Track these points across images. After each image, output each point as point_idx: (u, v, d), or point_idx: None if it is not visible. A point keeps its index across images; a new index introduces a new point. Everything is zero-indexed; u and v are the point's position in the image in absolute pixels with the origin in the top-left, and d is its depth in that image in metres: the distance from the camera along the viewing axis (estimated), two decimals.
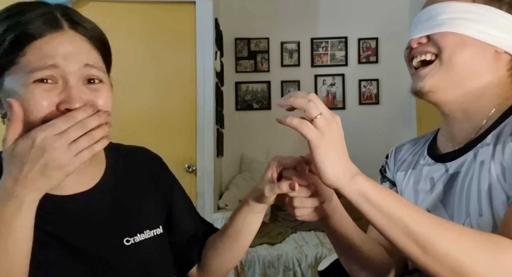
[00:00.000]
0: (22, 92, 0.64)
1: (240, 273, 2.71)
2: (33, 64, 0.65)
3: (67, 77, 0.66)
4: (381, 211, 0.63)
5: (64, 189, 0.73)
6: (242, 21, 3.73)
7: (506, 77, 0.80)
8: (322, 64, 3.74)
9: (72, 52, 0.67)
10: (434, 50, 0.80)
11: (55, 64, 0.65)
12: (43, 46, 0.66)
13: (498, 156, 0.72)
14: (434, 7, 0.81)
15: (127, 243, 0.77)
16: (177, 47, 2.80)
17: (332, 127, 0.65)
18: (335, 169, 0.64)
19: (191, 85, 2.81)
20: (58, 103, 0.65)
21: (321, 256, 2.66)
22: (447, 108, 0.83)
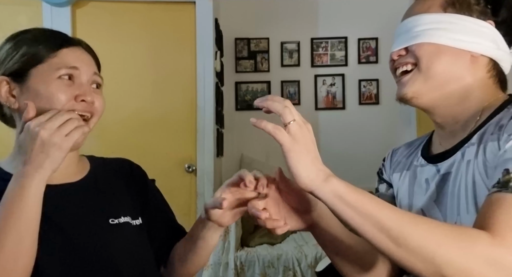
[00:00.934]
0: (48, 85, 0.81)
1: (240, 273, 2.72)
2: (60, 64, 0.83)
3: (83, 78, 0.85)
4: (355, 209, 0.66)
5: (53, 181, 0.81)
6: (242, 21, 3.73)
7: (487, 79, 0.84)
8: (322, 64, 3.74)
9: (87, 62, 0.88)
10: (412, 60, 0.84)
11: (77, 67, 0.84)
12: (69, 53, 0.85)
13: (481, 155, 0.75)
14: (410, 20, 0.86)
15: (112, 222, 0.87)
16: (177, 47, 2.80)
17: (304, 133, 0.68)
18: (308, 171, 0.67)
19: (191, 85, 2.81)
20: (76, 95, 0.82)
21: (321, 256, 2.66)
22: (435, 112, 0.87)
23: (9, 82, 0.83)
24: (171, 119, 2.78)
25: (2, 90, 0.83)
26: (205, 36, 2.82)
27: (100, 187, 0.91)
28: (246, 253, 2.75)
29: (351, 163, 3.62)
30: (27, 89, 0.82)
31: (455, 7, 0.83)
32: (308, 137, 0.68)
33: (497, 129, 0.74)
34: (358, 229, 0.67)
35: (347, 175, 3.55)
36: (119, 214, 0.88)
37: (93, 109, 0.85)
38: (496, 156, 0.72)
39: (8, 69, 0.83)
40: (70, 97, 0.82)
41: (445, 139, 0.87)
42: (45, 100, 0.80)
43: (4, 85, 0.83)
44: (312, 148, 0.68)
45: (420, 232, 0.64)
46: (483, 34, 0.82)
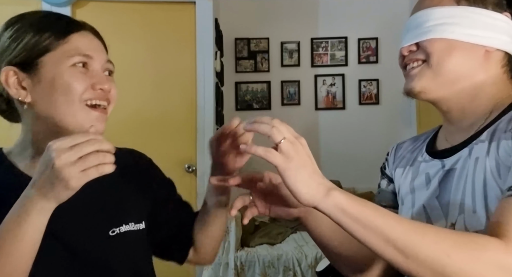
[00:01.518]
0: (63, 74, 0.75)
1: (240, 273, 2.71)
2: (72, 51, 0.77)
3: (97, 66, 0.79)
4: (358, 221, 0.64)
5: None
6: (242, 21, 3.73)
7: (501, 74, 0.80)
8: (322, 64, 3.74)
9: (99, 48, 0.82)
10: (423, 57, 0.81)
11: (90, 55, 0.78)
12: (80, 38, 0.79)
13: (493, 153, 0.73)
14: (420, 15, 0.82)
15: (112, 233, 0.82)
16: (177, 47, 2.80)
17: (297, 149, 0.66)
18: (308, 187, 0.65)
19: (191, 85, 2.81)
20: (93, 84, 0.77)
21: (321, 256, 2.66)
22: (443, 106, 0.84)
23: (17, 73, 0.76)
24: (171, 119, 2.78)
25: (10, 81, 0.76)
26: (205, 36, 2.81)
27: (105, 190, 0.84)
28: (246, 253, 2.75)
29: (351, 163, 3.61)
30: (39, 80, 0.76)
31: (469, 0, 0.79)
32: (302, 153, 0.66)
33: (511, 127, 0.72)
34: (364, 242, 0.66)
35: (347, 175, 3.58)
36: (122, 222, 0.84)
37: (110, 97, 0.80)
38: (509, 155, 0.70)
39: (14, 59, 0.76)
40: (87, 86, 0.76)
41: (452, 135, 0.85)
42: (61, 91, 0.75)
43: (12, 76, 0.76)
44: (308, 163, 0.66)
45: (428, 242, 0.62)
46: (498, 28, 0.78)
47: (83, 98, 0.76)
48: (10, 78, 0.76)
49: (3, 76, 0.76)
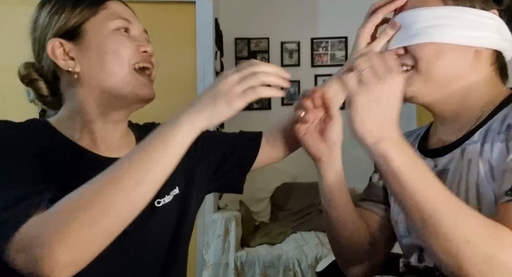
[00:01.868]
0: (109, 38, 0.76)
1: (240, 273, 2.71)
2: (113, 15, 0.78)
3: (136, 32, 0.81)
4: (396, 177, 0.64)
5: (108, 151, 0.79)
6: (242, 21, 3.73)
7: (490, 72, 0.79)
8: (322, 64, 3.74)
9: (134, 16, 0.84)
10: (411, 62, 0.79)
11: (130, 20, 0.80)
12: (116, 5, 0.80)
13: (486, 155, 0.71)
14: (406, 15, 0.79)
15: (158, 204, 0.81)
16: (177, 47, 2.80)
17: (382, 85, 0.64)
18: (367, 124, 0.65)
19: (191, 85, 2.81)
20: (137, 46, 0.78)
21: (321, 256, 2.66)
22: (435, 108, 0.83)
23: (62, 44, 0.76)
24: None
25: (57, 53, 0.76)
26: (205, 36, 2.82)
27: None
28: (246, 253, 2.75)
29: (351, 163, 3.60)
30: (86, 47, 0.76)
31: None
32: (384, 91, 0.64)
33: (505, 129, 0.71)
34: (396, 197, 0.66)
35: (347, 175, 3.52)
36: (164, 192, 0.82)
37: (153, 59, 0.82)
38: (504, 158, 0.68)
39: (58, 30, 0.76)
40: (132, 48, 0.78)
41: (444, 134, 0.83)
42: (110, 55, 0.76)
43: (58, 47, 0.76)
44: (385, 104, 0.64)
45: (452, 222, 0.61)
46: (488, 26, 0.76)
47: (131, 62, 0.77)
48: (56, 49, 0.76)
49: (49, 49, 0.76)
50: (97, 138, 0.79)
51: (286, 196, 3.38)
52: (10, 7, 2.62)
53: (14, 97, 2.49)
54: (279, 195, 3.39)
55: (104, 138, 0.80)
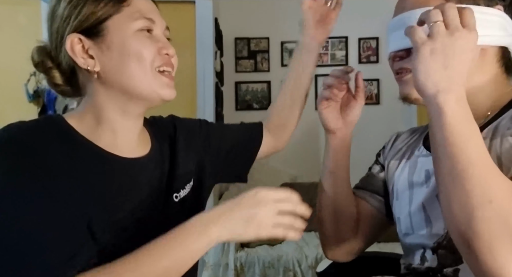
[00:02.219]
0: (132, 38, 0.73)
1: (239, 274, 2.71)
2: (137, 13, 0.74)
3: (158, 31, 0.78)
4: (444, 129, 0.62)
5: (127, 152, 0.78)
6: (242, 21, 3.73)
7: (496, 69, 0.78)
8: (322, 64, 3.73)
9: (157, 11, 0.80)
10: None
11: (153, 19, 0.76)
12: (138, 2, 0.76)
13: (495, 150, 0.70)
14: (407, 15, 0.77)
15: (176, 199, 0.83)
16: (177, 47, 2.78)
17: (453, 38, 0.61)
18: (431, 74, 0.63)
19: (191, 85, 2.81)
20: (159, 48, 0.76)
21: (321, 257, 2.65)
22: None
23: (82, 40, 0.72)
24: None
25: (76, 49, 0.72)
26: (205, 36, 2.81)
27: (164, 158, 0.85)
28: (246, 254, 2.74)
29: (351, 163, 3.60)
30: (107, 47, 0.72)
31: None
32: (456, 44, 0.61)
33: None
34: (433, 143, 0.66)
35: None
36: (181, 186, 0.85)
37: (174, 62, 0.80)
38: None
39: (79, 25, 0.72)
40: (155, 51, 0.75)
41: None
42: (133, 58, 0.72)
43: (77, 43, 0.72)
44: (451, 57, 0.61)
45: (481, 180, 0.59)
46: (493, 23, 0.73)
47: (154, 65, 0.75)
48: (75, 46, 0.72)
49: (68, 45, 0.71)
50: (118, 135, 0.77)
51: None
52: (10, 7, 2.61)
53: (14, 97, 2.49)
54: None
55: (125, 135, 0.78)
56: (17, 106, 2.52)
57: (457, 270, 0.76)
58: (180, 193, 0.84)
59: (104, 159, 0.74)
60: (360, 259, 1.41)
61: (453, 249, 0.73)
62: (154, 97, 0.77)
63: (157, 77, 0.76)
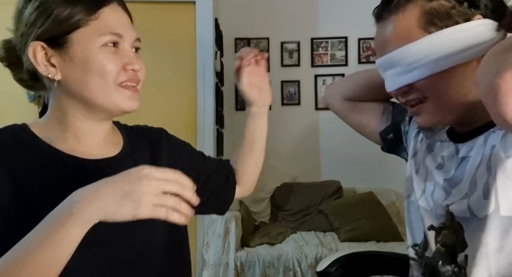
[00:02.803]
0: (95, 53, 0.72)
1: (240, 273, 2.71)
2: (103, 28, 0.73)
3: (126, 45, 0.77)
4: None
5: (93, 154, 0.78)
6: (242, 21, 3.73)
7: None
8: (322, 64, 3.74)
9: (129, 25, 0.79)
10: (418, 96, 0.80)
11: (121, 34, 0.75)
12: (110, 13, 0.75)
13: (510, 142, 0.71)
14: (395, 55, 0.78)
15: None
16: (177, 47, 2.79)
17: None
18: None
19: (191, 85, 2.81)
20: (124, 64, 0.75)
21: (321, 256, 2.66)
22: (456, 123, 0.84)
23: (45, 48, 0.72)
24: (171, 119, 2.78)
25: (38, 57, 0.72)
26: (205, 36, 2.81)
27: (138, 161, 0.83)
28: (246, 253, 2.75)
29: (351, 163, 3.61)
30: (70, 58, 0.72)
31: (436, 23, 0.75)
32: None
33: None
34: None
35: (347, 175, 3.56)
36: None
37: (140, 76, 0.79)
38: None
39: (43, 34, 0.71)
40: (119, 66, 0.74)
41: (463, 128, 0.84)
42: (95, 72, 0.72)
43: (40, 51, 0.72)
44: None
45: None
46: (480, 34, 0.74)
47: (117, 81, 0.74)
48: (38, 53, 0.72)
49: (30, 52, 0.72)
50: (81, 138, 0.78)
51: (286, 196, 3.37)
52: (10, 7, 2.61)
53: (14, 97, 2.49)
54: (279, 195, 3.39)
55: (89, 138, 0.79)
56: (18, 106, 2.52)
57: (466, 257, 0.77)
58: None
59: (63, 161, 0.74)
60: (360, 258, 1.42)
61: (454, 229, 0.77)
62: (114, 110, 0.77)
63: (119, 91, 0.76)
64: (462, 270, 0.78)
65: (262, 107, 1.05)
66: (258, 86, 1.03)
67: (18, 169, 0.70)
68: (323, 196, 3.31)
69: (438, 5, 0.75)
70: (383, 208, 3.14)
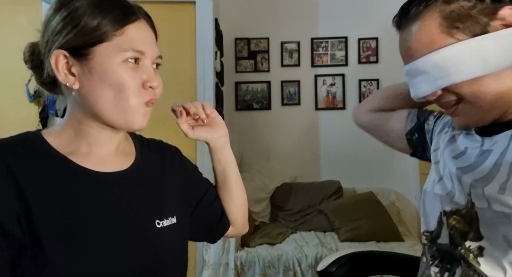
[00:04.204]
0: (116, 68, 0.73)
1: (240, 273, 2.71)
2: (127, 44, 0.74)
3: (147, 62, 0.78)
4: None
5: (106, 167, 0.78)
6: (242, 21, 3.73)
7: None
8: (322, 64, 3.74)
9: (152, 43, 0.80)
10: (455, 97, 0.79)
11: (143, 51, 0.76)
12: (135, 30, 0.75)
13: None
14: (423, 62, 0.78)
15: (158, 225, 0.81)
16: (177, 47, 2.80)
17: None
18: None
19: (191, 85, 2.81)
20: (144, 81, 0.76)
21: (321, 256, 2.66)
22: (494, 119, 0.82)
23: (67, 57, 0.73)
24: (171, 119, 2.77)
25: (59, 65, 0.73)
26: (205, 36, 2.81)
27: (148, 176, 0.85)
28: (246, 253, 2.75)
29: (351, 163, 3.61)
30: (90, 70, 0.73)
31: (458, 26, 0.74)
32: None
33: None
34: None
35: (347, 175, 3.57)
36: (165, 214, 0.83)
37: (157, 93, 0.81)
38: None
39: (67, 43, 0.72)
40: (138, 83, 0.75)
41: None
42: (113, 86, 0.73)
43: (62, 60, 0.73)
44: None
45: None
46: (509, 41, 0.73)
47: (134, 98, 0.75)
48: (59, 62, 0.73)
49: (53, 59, 0.73)
50: (94, 144, 0.79)
51: (286, 196, 3.37)
52: (10, 7, 2.62)
53: (15, 97, 2.49)
54: (279, 195, 3.39)
55: (102, 145, 0.80)
56: (18, 106, 2.53)
57: (481, 248, 0.77)
58: (163, 221, 0.82)
59: (74, 172, 0.75)
60: (360, 258, 1.42)
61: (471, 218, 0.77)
62: (123, 126, 0.78)
63: (132, 108, 0.76)
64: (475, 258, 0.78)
65: (220, 138, 0.98)
66: (207, 124, 0.97)
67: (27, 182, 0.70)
68: (323, 196, 3.31)
69: (457, 8, 0.74)
70: (383, 208, 3.14)
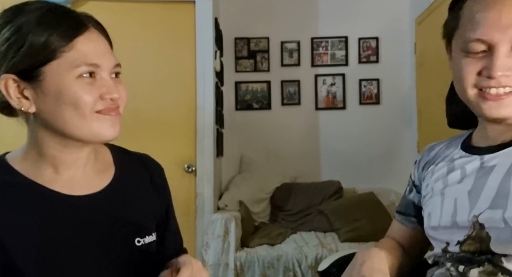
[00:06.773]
0: (69, 86, 0.69)
1: (239, 274, 2.71)
2: (78, 60, 0.70)
3: (104, 74, 0.73)
4: None
5: (75, 189, 0.76)
6: (242, 20, 3.72)
7: None
8: (322, 63, 3.73)
9: (107, 53, 0.75)
10: None
11: (97, 64, 0.72)
12: (85, 43, 0.71)
13: None
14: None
15: (138, 243, 0.79)
16: (177, 47, 2.79)
17: None
18: None
19: (191, 85, 2.80)
20: (101, 94, 0.72)
21: (321, 256, 2.65)
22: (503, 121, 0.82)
23: (17, 81, 0.70)
24: (171, 119, 2.77)
25: (11, 90, 0.70)
26: (205, 35, 2.81)
27: (128, 193, 0.82)
28: (246, 253, 2.74)
29: (351, 163, 3.61)
30: (44, 91, 0.69)
31: None
32: None
33: None
34: None
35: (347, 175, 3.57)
36: (146, 231, 0.81)
37: (119, 102, 0.76)
38: None
39: (14, 67, 0.68)
40: (95, 97, 0.71)
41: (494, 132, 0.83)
42: (70, 105, 0.69)
43: (12, 84, 0.70)
44: None
45: None
46: None
47: (93, 109, 0.72)
48: (10, 87, 0.70)
49: (2, 85, 0.70)
50: (60, 169, 0.76)
51: (286, 196, 3.37)
52: None
53: None
54: (279, 196, 3.38)
55: (68, 167, 0.77)
56: None
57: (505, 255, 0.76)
58: (144, 238, 0.80)
59: (45, 198, 0.73)
60: None
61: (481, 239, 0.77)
62: (93, 139, 0.75)
63: (99, 119, 0.73)
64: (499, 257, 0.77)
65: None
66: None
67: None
68: (323, 196, 3.30)
69: None
70: (383, 208, 3.14)
